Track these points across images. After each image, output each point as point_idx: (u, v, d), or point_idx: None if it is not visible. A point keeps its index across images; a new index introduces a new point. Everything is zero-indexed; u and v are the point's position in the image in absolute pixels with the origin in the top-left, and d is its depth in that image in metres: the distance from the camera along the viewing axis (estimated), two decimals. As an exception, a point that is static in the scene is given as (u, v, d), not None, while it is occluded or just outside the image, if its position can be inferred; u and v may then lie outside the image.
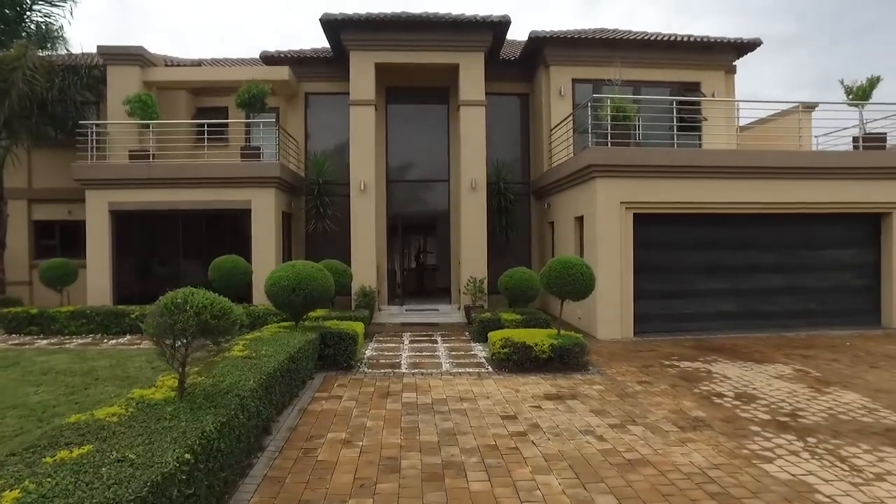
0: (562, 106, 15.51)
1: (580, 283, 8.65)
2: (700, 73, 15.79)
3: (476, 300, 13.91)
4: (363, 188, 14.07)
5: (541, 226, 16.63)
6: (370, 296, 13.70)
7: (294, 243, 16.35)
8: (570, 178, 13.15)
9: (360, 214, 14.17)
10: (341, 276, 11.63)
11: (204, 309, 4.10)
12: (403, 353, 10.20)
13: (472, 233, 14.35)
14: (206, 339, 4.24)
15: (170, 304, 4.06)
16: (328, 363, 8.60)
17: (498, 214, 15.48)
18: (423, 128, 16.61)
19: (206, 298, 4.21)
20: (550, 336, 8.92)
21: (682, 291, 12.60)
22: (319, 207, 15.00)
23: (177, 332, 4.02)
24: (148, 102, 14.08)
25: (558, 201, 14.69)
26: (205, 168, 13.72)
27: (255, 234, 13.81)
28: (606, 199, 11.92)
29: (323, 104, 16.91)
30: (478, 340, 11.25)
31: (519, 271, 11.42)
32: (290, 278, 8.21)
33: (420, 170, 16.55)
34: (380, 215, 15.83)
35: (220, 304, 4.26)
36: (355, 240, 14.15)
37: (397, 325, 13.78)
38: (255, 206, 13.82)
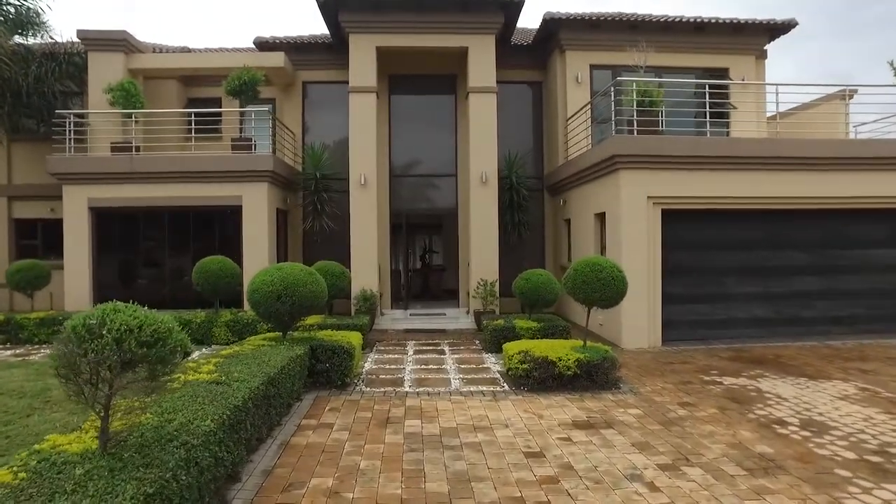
0: (579, 94, 14.33)
1: (611, 288, 7.49)
2: (728, 58, 14.57)
3: (487, 304, 12.77)
4: (363, 182, 12.95)
5: (555, 224, 15.47)
6: (371, 300, 12.58)
7: (291, 243, 15.25)
8: (591, 170, 11.99)
9: (360, 211, 13.05)
10: (338, 280, 10.52)
11: (128, 334, 3.00)
12: (407, 366, 9.07)
13: (483, 231, 13.21)
14: (137, 371, 3.12)
15: (80, 329, 2.96)
16: (320, 380, 7.48)
17: (510, 211, 14.33)
18: (428, 118, 15.48)
19: (132, 319, 3.10)
20: (575, 349, 7.77)
21: (713, 295, 11.42)
22: (317, 204, 13.88)
23: (91, 365, 2.92)
24: (131, 91, 13.00)
25: (576, 197, 13.52)
26: (191, 161, 12.63)
27: (246, 233, 12.71)
28: (632, 193, 10.75)
29: (322, 94, 15.79)
30: (490, 351, 10.12)
31: (536, 273, 10.27)
32: (275, 283, 7.09)
33: (425, 164, 15.42)
34: (382, 212, 14.70)
35: (151, 326, 3.15)
36: (355, 239, 13.03)
37: (401, 331, 12.65)
38: (246, 202, 12.72)
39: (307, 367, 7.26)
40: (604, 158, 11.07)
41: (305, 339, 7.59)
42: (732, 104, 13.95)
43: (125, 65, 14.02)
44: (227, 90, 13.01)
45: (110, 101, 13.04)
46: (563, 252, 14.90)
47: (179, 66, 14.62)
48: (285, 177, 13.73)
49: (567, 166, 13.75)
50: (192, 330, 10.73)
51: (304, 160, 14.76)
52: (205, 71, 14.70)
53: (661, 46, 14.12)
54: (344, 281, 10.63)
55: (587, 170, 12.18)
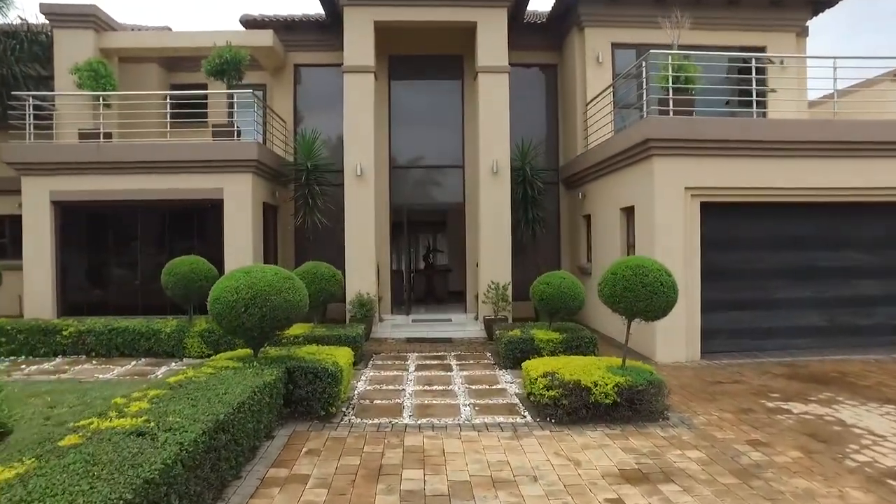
0: (599, 76, 12.89)
1: (659, 296, 6.05)
2: (766, 36, 13.10)
3: (498, 310, 11.34)
4: (360, 173, 11.53)
5: (572, 220, 14.03)
6: (368, 306, 11.16)
7: (281, 242, 13.85)
8: (617, 158, 10.55)
9: (356, 205, 11.63)
10: (328, 284, 9.11)
11: None
12: (407, 386, 7.65)
13: (494, 228, 11.77)
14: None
15: None
16: (300, 410, 6.07)
17: (523, 206, 12.88)
18: (432, 104, 14.05)
19: None
20: (612, 370, 6.34)
21: (758, 301, 9.96)
22: (308, 197, 12.47)
23: None
24: (100, 71, 11.61)
25: (598, 189, 12.08)
26: (166, 149, 11.23)
27: (228, 231, 11.31)
28: (668, 183, 9.31)
29: (316, 78, 14.41)
30: (505, 366, 8.70)
31: (557, 276, 8.83)
32: (241, 291, 5.67)
33: (429, 154, 13.98)
34: (381, 207, 13.29)
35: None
36: (350, 237, 11.62)
37: (402, 340, 11.24)
38: (227, 195, 11.32)
39: (282, 394, 5.85)
40: (634, 144, 9.62)
41: (282, 359, 6.17)
42: (772, 87, 12.47)
43: (96, 44, 12.64)
44: (207, 70, 11.61)
45: (77, 83, 11.65)
46: (582, 252, 13.46)
47: (157, 46, 13.23)
48: (273, 168, 12.32)
49: (587, 156, 12.32)
50: (161, 341, 9.34)
51: (296, 150, 13.35)
52: (185, 52, 13.30)
53: (692, 23, 12.69)
54: (335, 285, 9.21)
55: (613, 158, 10.74)
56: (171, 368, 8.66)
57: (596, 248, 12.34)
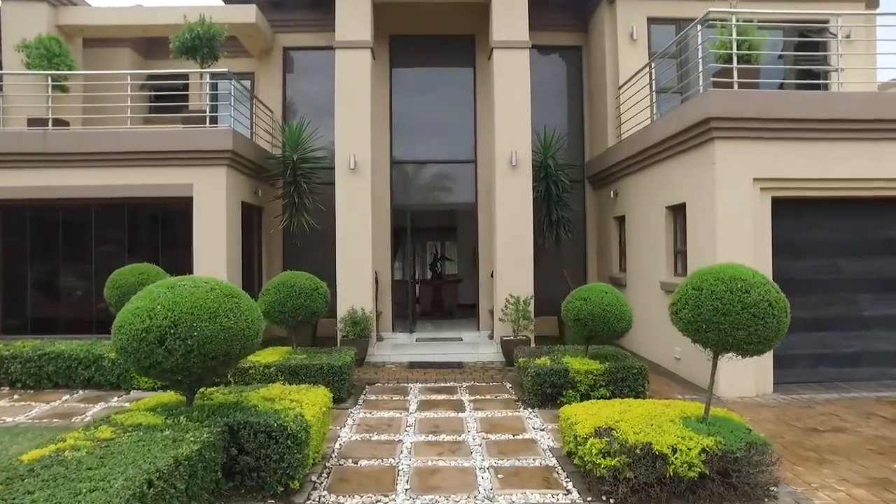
0: (633, 55, 11.08)
1: (768, 321, 4.19)
2: (830, 6, 11.22)
3: (518, 329, 9.46)
4: (353, 167, 9.73)
5: (601, 223, 12.17)
6: (362, 323, 9.32)
7: (266, 249, 12.08)
8: (663, 147, 8.70)
9: (348, 204, 9.82)
10: (308, 299, 7.28)
11: None
12: (405, 437, 5.79)
13: (512, 231, 9.91)
14: None
15: None
16: (247, 484, 4.23)
17: (545, 206, 11.03)
18: (440, 91, 12.26)
19: None
20: (689, 423, 4.48)
21: (843, 319, 8.05)
22: (295, 196, 10.69)
23: None
24: (54, 49, 9.93)
25: (635, 186, 10.22)
26: (125, 139, 9.50)
27: (198, 235, 9.55)
28: (732, 173, 7.46)
29: (308, 64, 12.71)
30: (531, 404, 6.84)
31: (598, 290, 6.95)
32: (155, 315, 3.86)
33: (437, 148, 12.16)
34: (381, 208, 11.51)
35: None
36: (342, 242, 9.81)
37: (403, 365, 9.39)
38: (197, 192, 9.57)
39: (221, 463, 4.02)
40: (689, 126, 7.77)
41: (225, 409, 4.34)
42: (834, 66, 10.58)
43: (52, 19, 10.99)
44: (176, 47, 9.91)
45: (25, 63, 9.98)
46: (613, 260, 11.59)
47: (124, 24, 11.53)
48: (253, 161, 10.57)
49: (621, 147, 10.48)
50: (104, 369, 7.55)
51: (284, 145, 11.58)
52: (157, 30, 11.60)
53: (741, -7, 10.88)
54: (317, 301, 7.38)
55: (657, 147, 8.90)
56: (110, 405, 6.86)
57: (631, 255, 10.47)
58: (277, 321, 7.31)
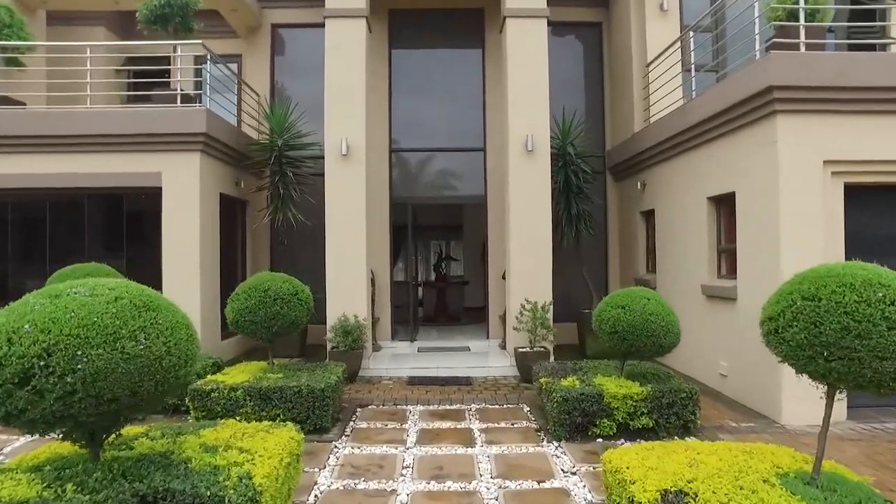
0: (664, 29, 9.79)
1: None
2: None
3: (535, 340, 8.18)
4: (345, 152, 8.46)
5: (626, 218, 10.87)
6: (355, 333, 8.05)
7: (251, 247, 10.84)
8: (706, 127, 7.40)
9: (340, 195, 8.56)
10: (285, 306, 6.01)
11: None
12: (401, 485, 4.51)
13: (528, 226, 8.62)
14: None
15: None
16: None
17: (564, 198, 9.74)
18: (445, 71, 10.98)
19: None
20: (790, 482, 3.19)
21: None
22: (280, 186, 9.44)
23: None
24: (3, 19, 8.73)
25: (667, 175, 8.93)
26: (81, 119, 8.26)
27: (167, 231, 8.31)
28: (799, 154, 6.16)
29: (299, 43, 11.48)
30: (557, 435, 5.56)
31: (638, 296, 5.66)
32: (20, 340, 2.60)
33: (441, 135, 10.88)
34: (378, 201, 10.27)
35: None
36: (332, 238, 8.54)
37: (402, 381, 8.12)
38: (166, 181, 8.34)
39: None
40: (743, 99, 6.47)
41: (144, 466, 3.08)
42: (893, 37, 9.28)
43: (8, -11, 9.78)
44: (144, 16, 8.68)
45: (-30, 35, 8.77)
46: (639, 259, 10.30)
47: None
48: (233, 148, 9.32)
49: (650, 132, 9.20)
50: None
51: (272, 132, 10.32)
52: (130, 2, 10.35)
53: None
54: (298, 308, 6.10)
55: (697, 128, 7.60)
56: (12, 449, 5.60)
57: (662, 254, 9.18)
58: (249, 332, 6.06)
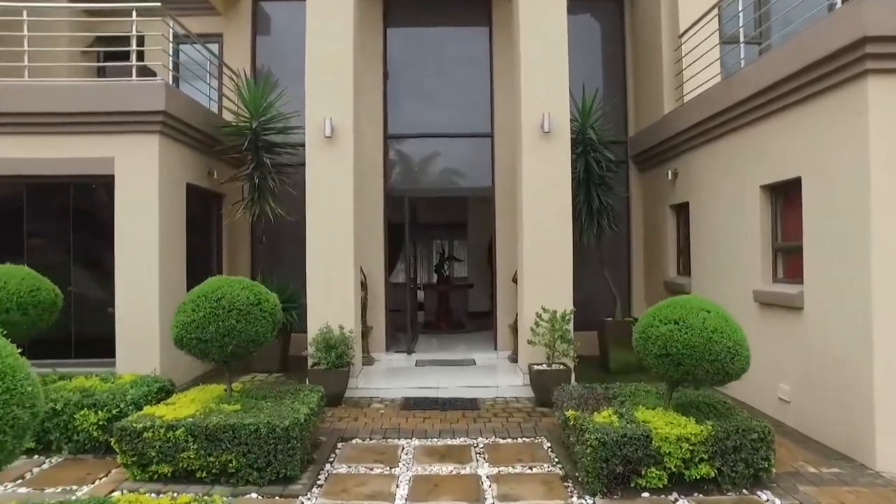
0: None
1: None
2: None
3: (554, 355, 6.89)
4: (329, 133, 7.18)
5: (653, 213, 9.59)
6: (340, 347, 6.77)
7: (228, 246, 9.59)
8: (763, 99, 6.10)
9: (323, 184, 7.28)
10: (244, 319, 4.73)
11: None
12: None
13: (545, 221, 7.30)
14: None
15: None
16: None
17: (584, 190, 8.45)
18: (447, 48, 9.75)
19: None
20: None
21: None
22: (256, 175, 8.19)
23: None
24: (-64, -19, 7.51)
25: (706, 161, 7.64)
26: (13, 94, 7.02)
27: (121, 226, 7.09)
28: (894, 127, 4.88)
29: (284, 20, 10.24)
30: (591, 488, 4.28)
31: (696, 308, 4.34)
32: None
33: (443, 118, 9.63)
34: (371, 193, 9.05)
35: None
36: (314, 235, 7.27)
37: (396, 404, 6.85)
38: (120, 168, 7.11)
39: None
40: (821, 58, 5.17)
41: None
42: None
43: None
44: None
45: None
46: (668, 260, 9.01)
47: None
48: (201, 131, 8.07)
49: (683, 113, 7.93)
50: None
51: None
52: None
53: None
54: (260, 322, 4.81)
55: (749, 102, 6.32)
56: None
57: (700, 253, 7.89)
58: (197, 353, 4.81)
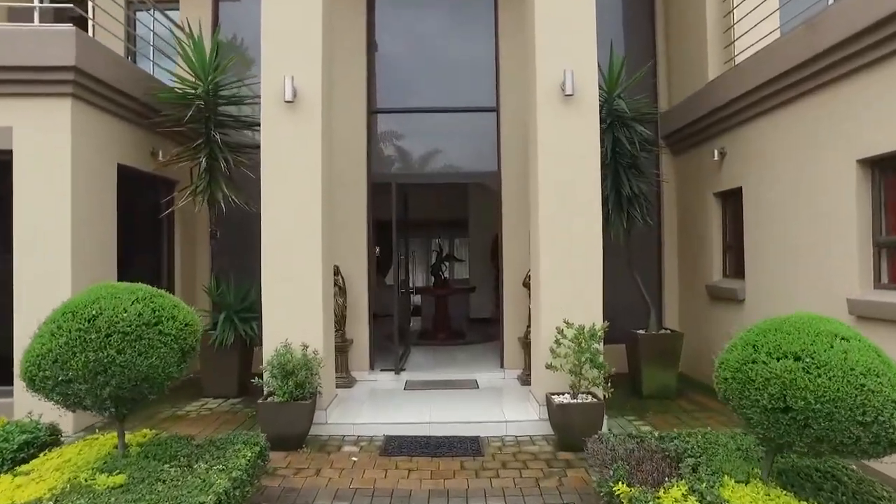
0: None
1: None
2: None
3: (581, 383, 5.27)
4: (290, 97, 5.56)
5: (689, 203, 7.96)
6: (300, 374, 5.16)
7: (184, 244, 8.00)
8: (872, 38, 4.51)
9: (282, 162, 5.67)
10: (133, 347, 3.12)
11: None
12: None
13: (567, 210, 5.69)
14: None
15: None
16: None
17: (612, 173, 6.84)
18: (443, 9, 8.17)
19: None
20: None
21: None
22: (205, 156, 6.58)
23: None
24: None
25: (773, 133, 6.02)
26: None
27: (20, 218, 5.51)
28: None
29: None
30: None
31: (824, 334, 2.74)
32: None
33: (438, 90, 8.05)
34: (353, 178, 7.53)
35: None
36: (271, 228, 5.67)
37: (373, 448, 5.23)
38: (19, 141, 5.52)
39: None
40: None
41: None
42: None
43: None
44: None
45: None
46: (712, 259, 7.40)
47: None
48: (137, 99, 6.46)
49: (738, 76, 6.36)
50: None
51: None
52: None
53: None
54: (157, 352, 3.24)
55: (847, 45, 4.72)
56: None
57: (759, 251, 6.29)
58: (58, 399, 3.22)
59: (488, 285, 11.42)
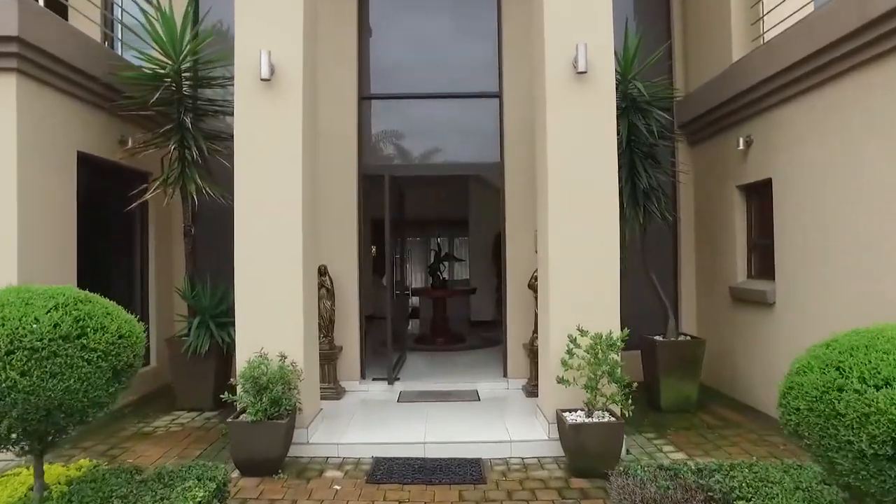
0: None
1: None
2: None
3: (597, 399, 4.60)
4: (267, 76, 4.90)
5: (708, 197, 7.29)
6: (275, 390, 4.50)
7: (158, 242, 7.33)
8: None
9: (257, 147, 5.01)
10: (45, 368, 2.46)
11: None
12: None
13: (580, 203, 5.02)
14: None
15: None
16: None
17: (626, 164, 6.17)
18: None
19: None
20: None
21: None
22: (177, 142, 5.92)
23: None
24: None
25: (808, 117, 5.34)
26: None
27: (-41, 207, 4.85)
28: None
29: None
30: None
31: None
32: None
33: (435, 75, 7.39)
34: (342, 171, 6.87)
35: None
36: (244, 220, 5.01)
37: (360, 474, 4.57)
38: (-44, 125, 4.86)
39: None
40: None
41: None
42: None
43: None
44: None
45: None
46: (735, 258, 6.72)
47: None
48: (99, 80, 5.80)
49: (768, 55, 5.68)
50: None
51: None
52: None
53: None
54: (77, 373, 2.59)
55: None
56: None
57: (794, 250, 5.61)
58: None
59: (490, 286, 10.78)
